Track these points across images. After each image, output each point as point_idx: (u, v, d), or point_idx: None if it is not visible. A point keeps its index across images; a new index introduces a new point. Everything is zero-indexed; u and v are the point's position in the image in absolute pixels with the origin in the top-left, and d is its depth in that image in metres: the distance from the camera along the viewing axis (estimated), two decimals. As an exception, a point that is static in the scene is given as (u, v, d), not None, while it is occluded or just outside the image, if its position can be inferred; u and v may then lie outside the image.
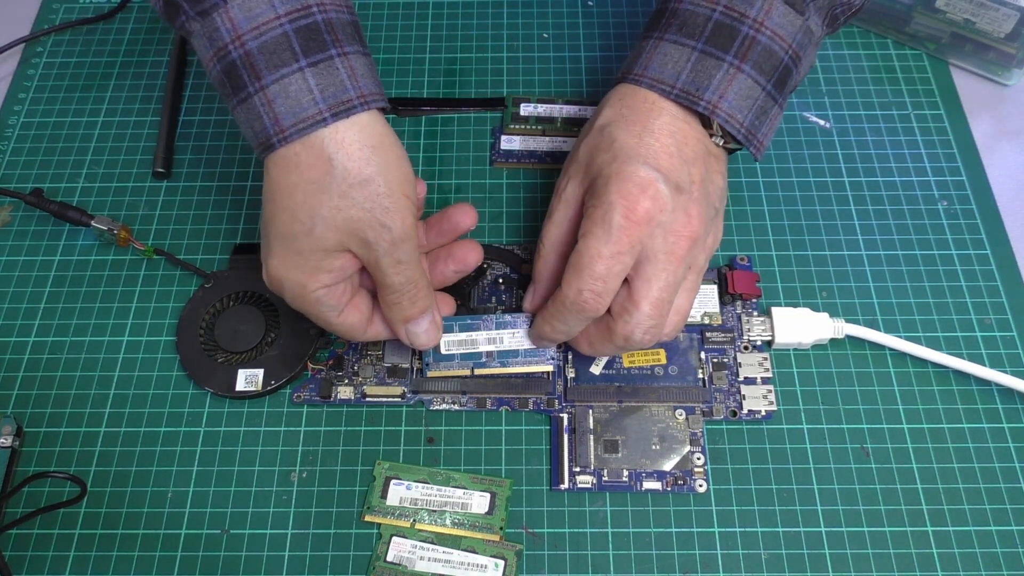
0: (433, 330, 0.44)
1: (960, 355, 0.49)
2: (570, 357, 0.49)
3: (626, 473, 0.46)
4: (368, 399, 0.48)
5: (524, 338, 0.46)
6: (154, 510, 0.46)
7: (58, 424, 0.48)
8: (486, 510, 0.45)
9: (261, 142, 0.41)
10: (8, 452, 0.46)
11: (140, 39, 0.63)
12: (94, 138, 0.58)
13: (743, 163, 0.56)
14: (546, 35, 0.63)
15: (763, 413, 0.47)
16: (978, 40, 0.58)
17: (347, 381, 0.48)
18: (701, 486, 0.46)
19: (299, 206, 0.40)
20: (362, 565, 0.44)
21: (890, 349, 0.49)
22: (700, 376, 0.48)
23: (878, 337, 0.49)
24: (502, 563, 0.44)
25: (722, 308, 0.50)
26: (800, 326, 0.49)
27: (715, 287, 0.51)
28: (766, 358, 0.49)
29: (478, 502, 0.45)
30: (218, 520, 0.45)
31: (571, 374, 0.48)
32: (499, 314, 0.47)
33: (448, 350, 0.46)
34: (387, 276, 0.41)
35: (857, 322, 0.50)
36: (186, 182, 0.56)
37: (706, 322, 0.50)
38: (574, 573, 0.44)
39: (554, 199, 0.45)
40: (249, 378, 0.48)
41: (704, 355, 0.49)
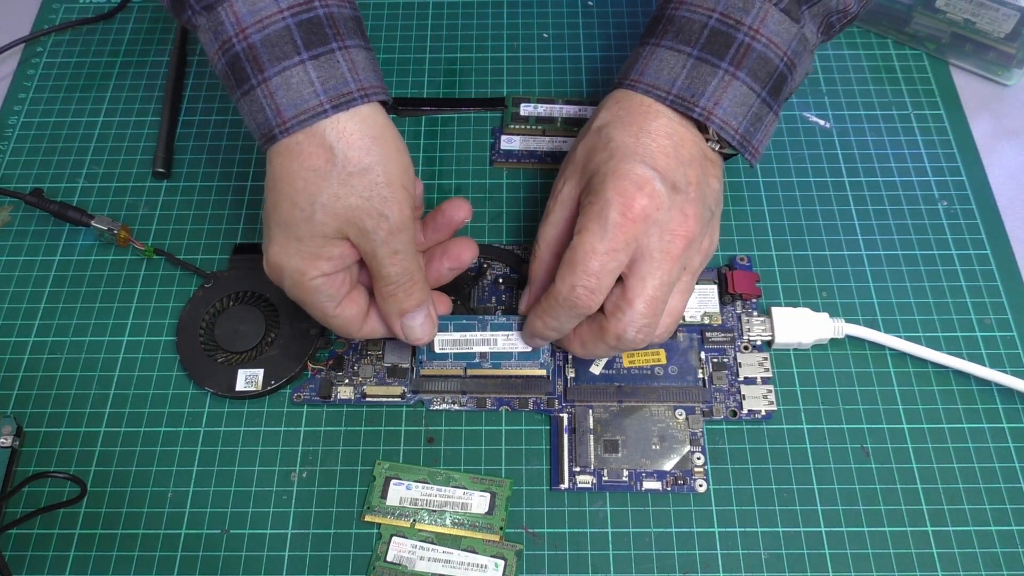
0: (428, 325, 0.44)
1: (960, 355, 0.49)
2: (570, 357, 0.48)
3: (626, 473, 0.46)
4: (368, 399, 0.48)
5: (518, 340, 0.46)
6: (154, 510, 0.46)
7: (58, 424, 0.48)
8: (486, 510, 0.45)
9: (264, 133, 0.41)
10: (8, 452, 0.46)
11: (140, 39, 0.63)
12: (94, 138, 0.58)
13: (743, 163, 0.56)
14: (546, 35, 0.63)
15: (763, 413, 0.47)
16: (978, 40, 0.58)
17: (347, 381, 0.48)
18: (701, 486, 0.46)
19: (300, 193, 0.40)
20: (362, 565, 0.44)
21: (890, 349, 0.49)
22: (700, 376, 0.48)
23: (878, 337, 0.49)
24: (502, 563, 0.44)
25: (722, 308, 0.50)
26: (800, 326, 0.49)
27: (715, 287, 0.51)
28: (766, 358, 0.49)
29: (478, 502, 0.45)
30: (218, 520, 0.45)
31: (571, 374, 0.48)
32: (494, 316, 0.47)
33: (442, 349, 0.46)
34: (383, 266, 0.42)
35: (857, 322, 0.50)
36: (186, 182, 0.56)
37: (706, 322, 0.50)
38: (574, 573, 0.44)
39: (550, 200, 0.45)
40: (249, 378, 0.48)
41: (704, 355, 0.49)
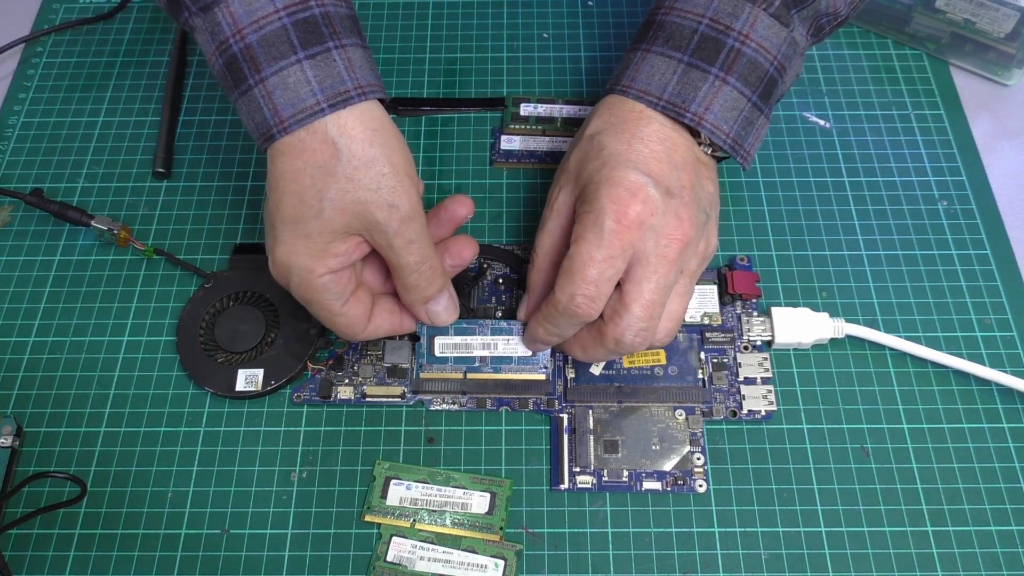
0: (452, 307, 0.45)
1: (960, 355, 0.49)
2: (570, 357, 0.49)
3: (626, 473, 0.46)
4: (368, 399, 0.48)
5: (518, 345, 0.46)
6: (154, 510, 0.46)
7: (58, 424, 0.48)
8: (486, 510, 0.45)
9: (262, 133, 0.41)
10: (8, 452, 0.46)
11: (140, 39, 0.63)
12: (94, 138, 0.58)
13: (743, 163, 0.56)
14: (546, 35, 0.63)
15: (763, 413, 0.47)
16: (978, 40, 0.58)
17: (347, 381, 0.48)
18: (701, 486, 0.46)
19: (307, 190, 0.40)
20: (362, 565, 0.44)
21: (890, 349, 0.49)
22: (700, 376, 0.48)
23: (878, 337, 0.49)
24: (502, 563, 0.44)
25: (722, 308, 0.50)
26: (800, 326, 0.49)
27: (715, 287, 0.51)
28: (766, 358, 0.49)
29: (478, 502, 0.45)
30: (218, 520, 0.45)
31: (571, 374, 0.48)
32: (495, 320, 0.47)
33: (442, 352, 0.46)
34: (401, 257, 0.42)
35: (857, 322, 0.50)
36: (186, 182, 0.56)
37: (706, 322, 0.50)
38: (574, 573, 0.44)
39: (546, 209, 0.45)
40: (249, 378, 0.48)
41: (704, 355, 0.49)
